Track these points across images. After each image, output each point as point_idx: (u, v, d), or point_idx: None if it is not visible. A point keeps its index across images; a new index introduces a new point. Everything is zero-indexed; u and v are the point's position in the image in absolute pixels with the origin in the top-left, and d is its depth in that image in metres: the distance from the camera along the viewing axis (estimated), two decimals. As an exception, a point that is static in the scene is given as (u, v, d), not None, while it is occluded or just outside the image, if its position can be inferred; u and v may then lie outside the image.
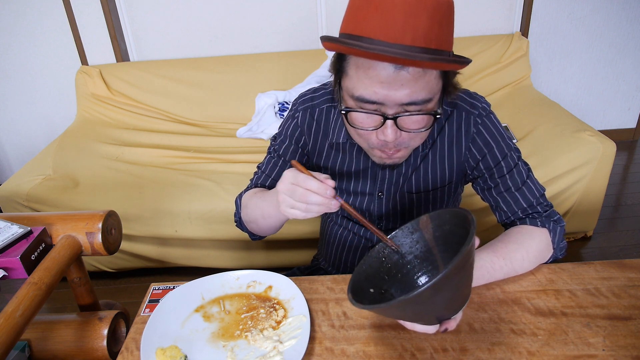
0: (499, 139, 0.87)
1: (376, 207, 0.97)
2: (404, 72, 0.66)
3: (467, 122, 0.86)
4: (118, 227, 1.01)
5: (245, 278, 0.86)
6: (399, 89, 0.67)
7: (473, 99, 0.87)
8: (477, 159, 0.88)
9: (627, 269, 0.85)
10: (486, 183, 0.90)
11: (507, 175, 0.87)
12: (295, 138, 0.96)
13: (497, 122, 0.87)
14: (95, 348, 0.89)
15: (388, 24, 0.63)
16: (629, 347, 0.69)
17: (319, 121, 0.93)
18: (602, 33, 2.59)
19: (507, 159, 0.87)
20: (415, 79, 0.66)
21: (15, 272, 0.83)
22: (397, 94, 0.67)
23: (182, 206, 1.80)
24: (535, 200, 0.88)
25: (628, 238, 2.08)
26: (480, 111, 0.86)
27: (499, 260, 0.80)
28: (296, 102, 0.96)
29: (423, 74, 0.67)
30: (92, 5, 2.38)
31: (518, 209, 0.88)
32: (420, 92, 0.68)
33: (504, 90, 2.42)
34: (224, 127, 2.41)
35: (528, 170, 0.89)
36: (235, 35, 2.49)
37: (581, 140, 1.85)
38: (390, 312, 0.61)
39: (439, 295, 0.56)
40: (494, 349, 0.70)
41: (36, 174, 1.95)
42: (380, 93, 0.68)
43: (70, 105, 2.60)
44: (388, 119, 0.70)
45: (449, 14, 0.66)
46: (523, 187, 0.87)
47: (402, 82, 0.66)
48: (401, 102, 0.68)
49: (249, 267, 1.15)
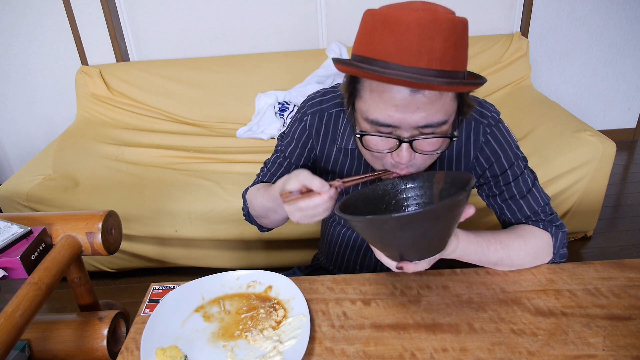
0: (507, 148, 0.87)
1: None
2: (420, 95, 0.65)
3: (477, 131, 0.86)
4: (118, 227, 1.01)
5: (245, 278, 0.86)
6: (415, 112, 0.66)
7: (483, 107, 0.86)
8: (484, 167, 0.88)
9: (627, 269, 0.85)
10: (491, 190, 0.90)
11: (513, 183, 0.87)
12: (302, 142, 0.95)
13: (505, 131, 0.87)
14: (95, 348, 0.89)
15: (403, 47, 0.62)
16: (629, 347, 0.69)
17: (327, 125, 0.92)
18: (602, 33, 2.59)
19: (513, 167, 0.87)
20: (432, 102, 0.66)
21: (15, 272, 0.83)
22: (412, 117, 0.67)
23: (182, 206, 1.80)
24: (540, 208, 0.88)
25: (628, 238, 2.08)
26: (489, 120, 0.86)
27: (495, 243, 0.80)
28: (305, 105, 0.95)
29: (439, 97, 0.66)
30: (92, 5, 2.38)
31: (522, 217, 0.88)
32: (436, 115, 0.67)
33: (504, 90, 2.42)
34: (224, 127, 2.41)
35: (534, 178, 0.90)
36: (235, 35, 2.49)
37: (581, 140, 1.85)
38: (359, 228, 0.63)
39: (405, 230, 0.58)
40: (494, 349, 0.70)
41: (36, 174, 1.95)
42: (395, 116, 0.67)
43: (70, 105, 2.60)
44: (404, 142, 0.70)
45: (464, 34, 0.65)
46: (528, 195, 0.88)
47: (418, 105, 0.66)
48: (417, 125, 0.67)
49: (249, 267, 1.15)
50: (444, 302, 0.79)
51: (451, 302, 0.79)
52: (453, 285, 0.83)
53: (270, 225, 0.99)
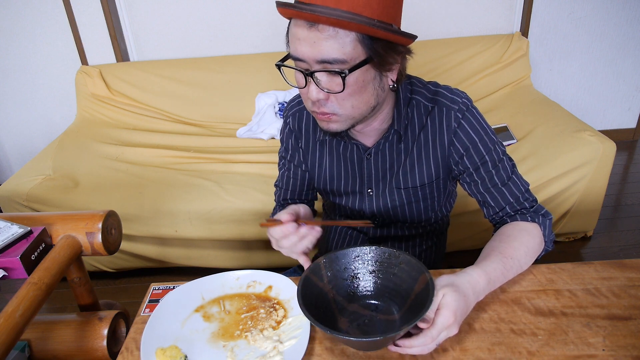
0: (482, 133, 0.87)
1: (367, 205, 0.99)
2: (315, 30, 0.69)
3: (448, 117, 0.87)
4: (118, 227, 1.01)
5: (245, 278, 0.86)
6: (313, 46, 0.70)
7: (453, 94, 0.88)
8: (461, 153, 0.88)
9: (627, 269, 0.85)
10: (472, 178, 0.90)
11: (493, 170, 0.88)
12: (292, 143, 1.02)
13: (479, 117, 0.88)
14: (95, 348, 0.89)
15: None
16: (629, 347, 0.69)
17: (307, 121, 0.98)
18: (602, 33, 2.59)
19: (491, 153, 0.88)
20: (327, 38, 0.69)
21: (15, 272, 0.83)
22: (312, 51, 0.71)
23: (182, 206, 1.80)
24: (521, 195, 0.89)
25: (628, 238, 2.08)
26: (460, 106, 0.86)
27: (508, 261, 0.81)
28: (287, 110, 1.02)
29: (335, 34, 0.69)
30: (92, 5, 2.38)
31: (505, 204, 0.90)
32: (332, 52, 0.70)
33: (504, 90, 2.42)
34: (224, 127, 2.41)
35: (513, 165, 0.91)
36: (235, 35, 2.49)
37: (581, 140, 1.85)
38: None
39: (359, 344, 0.68)
40: (494, 349, 0.70)
41: (36, 174, 1.95)
42: (299, 50, 0.72)
43: (70, 105, 2.60)
44: (306, 75, 0.74)
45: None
46: (509, 182, 0.89)
47: (315, 39, 0.70)
48: (316, 59, 0.71)
49: (249, 267, 1.15)
50: (444, 302, 0.79)
51: (451, 302, 0.79)
52: (453, 285, 0.83)
53: None
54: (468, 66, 2.41)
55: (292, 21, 0.73)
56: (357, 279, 0.78)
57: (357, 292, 0.78)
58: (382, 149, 0.92)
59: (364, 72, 0.74)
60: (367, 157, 0.93)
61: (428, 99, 0.88)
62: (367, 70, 0.74)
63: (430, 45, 2.39)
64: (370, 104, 0.79)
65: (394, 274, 0.76)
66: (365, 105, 0.79)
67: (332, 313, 0.75)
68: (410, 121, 0.89)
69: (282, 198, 1.09)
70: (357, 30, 0.70)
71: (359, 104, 0.78)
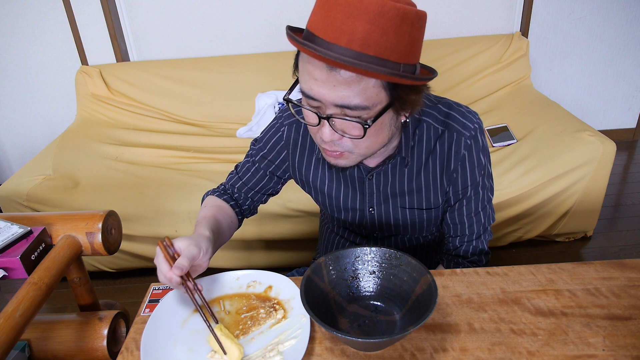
0: (476, 165, 0.86)
1: (369, 221, 0.97)
2: (336, 73, 0.64)
3: (458, 143, 0.84)
4: (118, 227, 1.01)
5: (245, 278, 0.86)
6: (332, 90, 0.65)
7: (466, 119, 0.84)
8: (457, 177, 0.88)
9: (627, 269, 0.85)
10: (449, 202, 0.92)
11: (465, 200, 0.90)
12: (276, 151, 0.95)
13: (481, 146, 0.86)
14: (95, 348, 0.89)
15: (328, 22, 0.62)
16: (629, 347, 0.69)
17: (304, 135, 0.93)
18: (602, 33, 2.59)
19: (477, 187, 0.89)
20: (349, 83, 0.64)
21: (15, 272, 0.83)
22: (330, 95, 0.66)
23: (182, 206, 1.80)
24: (483, 230, 0.95)
25: (628, 238, 2.08)
26: (471, 132, 0.84)
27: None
28: (282, 115, 0.95)
29: (358, 80, 0.64)
30: (92, 5, 2.38)
31: (461, 234, 0.95)
32: (354, 98, 0.65)
33: (504, 90, 2.42)
34: (224, 127, 2.41)
35: (489, 200, 0.93)
36: (235, 35, 2.49)
37: (581, 140, 1.85)
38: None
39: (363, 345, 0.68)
40: (494, 349, 0.70)
41: (36, 174, 1.95)
42: (314, 90, 0.67)
43: (70, 105, 2.60)
44: (321, 118, 0.70)
45: (401, 24, 0.61)
46: (473, 217, 0.92)
47: (335, 83, 0.65)
48: (334, 103, 0.66)
49: (249, 267, 1.15)
50: (443, 302, 0.79)
51: (451, 302, 0.79)
52: (453, 285, 0.83)
53: None
54: (468, 66, 2.41)
55: (306, 56, 0.67)
56: (358, 280, 0.78)
57: (358, 292, 0.78)
58: (384, 171, 0.88)
59: (383, 116, 0.70)
60: (368, 178, 0.90)
61: (439, 122, 0.84)
62: (387, 113, 0.70)
63: (430, 45, 2.39)
64: (384, 143, 0.77)
65: (395, 275, 0.76)
66: (379, 145, 0.77)
67: (333, 313, 0.75)
68: (418, 143, 0.85)
69: (232, 183, 1.00)
70: (383, 80, 0.65)
71: (373, 144, 0.75)
